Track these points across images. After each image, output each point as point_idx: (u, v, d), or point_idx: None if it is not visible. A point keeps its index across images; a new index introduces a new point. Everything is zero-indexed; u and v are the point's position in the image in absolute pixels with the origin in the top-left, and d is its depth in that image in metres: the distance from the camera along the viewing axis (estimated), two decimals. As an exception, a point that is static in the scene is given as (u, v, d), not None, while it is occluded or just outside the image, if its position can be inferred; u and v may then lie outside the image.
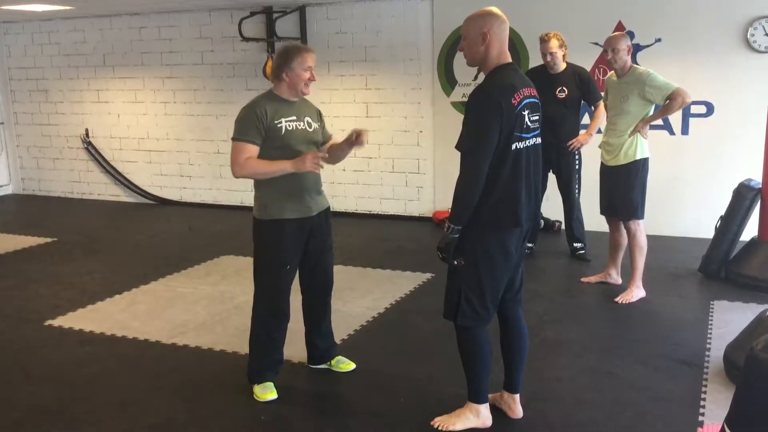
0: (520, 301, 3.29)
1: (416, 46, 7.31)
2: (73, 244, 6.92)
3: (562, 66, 5.73)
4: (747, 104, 6.19)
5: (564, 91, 5.69)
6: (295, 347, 3.97)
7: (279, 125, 3.46)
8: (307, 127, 3.55)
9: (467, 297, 3.04)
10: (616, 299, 4.88)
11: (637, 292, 4.91)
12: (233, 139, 3.48)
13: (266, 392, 3.60)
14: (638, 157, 4.76)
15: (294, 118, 3.51)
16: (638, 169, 4.78)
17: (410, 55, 7.35)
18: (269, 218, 3.49)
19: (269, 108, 3.47)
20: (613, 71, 4.93)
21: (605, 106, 5.08)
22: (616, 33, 5.01)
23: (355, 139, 3.47)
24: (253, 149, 3.42)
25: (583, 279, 5.34)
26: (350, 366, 3.89)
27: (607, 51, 4.77)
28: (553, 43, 5.62)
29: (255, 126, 3.43)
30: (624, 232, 4.98)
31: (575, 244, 6.01)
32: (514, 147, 2.92)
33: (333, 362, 3.90)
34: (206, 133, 8.44)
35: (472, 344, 3.13)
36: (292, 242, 3.52)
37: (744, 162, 6.07)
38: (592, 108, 5.87)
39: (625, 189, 4.80)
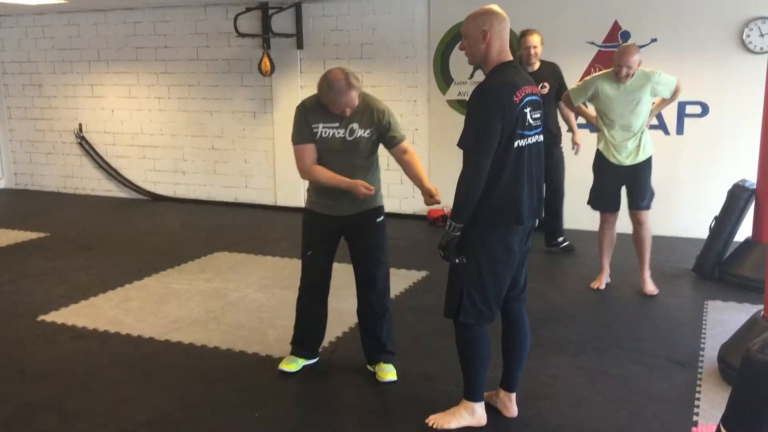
0: (524, 300, 3.29)
1: (412, 44, 7.30)
2: (65, 239, 6.89)
3: (538, 64, 5.80)
4: (742, 105, 6.21)
5: (545, 87, 5.75)
6: (286, 345, 3.96)
7: (315, 130, 3.50)
8: (347, 135, 3.48)
9: (469, 295, 3.03)
10: (653, 292, 5.02)
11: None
12: (292, 142, 3.58)
13: (286, 362, 3.83)
14: (652, 150, 4.94)
15: (336, 124, 3.48)
16: (651, 161, 4.97)
17: (406, 52, 7.34)
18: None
19: (312, 111, 3.52)
20: (597, 75, 4.93)
21: (598, 111, 4.94)
22: (628, 47, 4.72)
23: (430, 198, 3.45)
24: (311, 149, 3.52)
25: (593, 285, 5.20)
26: (387, 376, 3.69)
27: (621, 67, 4.65)
28: (536, 38, 5.68)
29: (305, 126, 3.51)
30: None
31: (559, 238, 6.15)
32: (516, 145, 2.91)
33: (376, 367, 3.77)
34: (201, 129, 8.41)
35: (472, 342, 3.13)
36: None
37: (738, 162, 6.09)
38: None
39: (647, 182, 4.96)
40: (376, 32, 7.40)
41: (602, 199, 5.08)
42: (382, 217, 3.68)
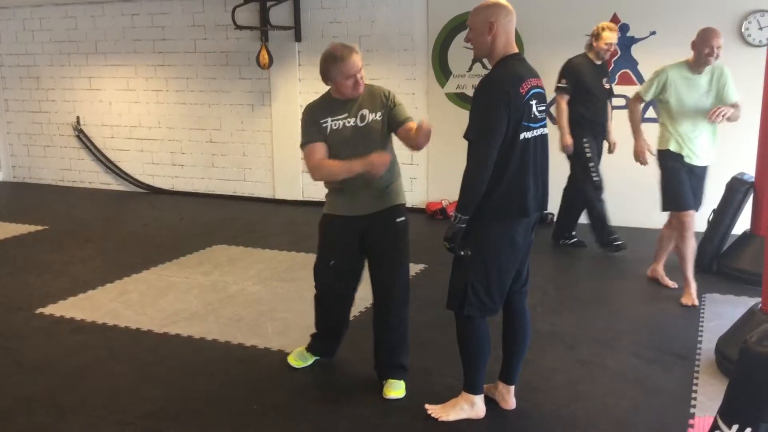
0: (526, 293, 3.29)
1: (411, 37, 7.28)
2: (64, 232, 6.88)
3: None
4: (741, 98, 6.18)
5: (608, 83, 5.78)
6: (290, 337, 3.96)
7: (324, 125, 3.38)
8: (358, 122, 3.36)
9: (474, 287, 3.03)
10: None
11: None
12: (301, 146, 3.44)
13: (294, 357, 3.82)
14: None
15: (345, 115, 3.37)
16: None
17: (405, 45, 7.32)
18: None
19: (318, 108, 3.44)
20: (666, 66, 4.67)
21: (665, 104, 4.66)
22: (712, 29, 4.57)
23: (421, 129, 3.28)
24: (320, 146, 3.36)
25: (686, 302, 4.71)
26: (391, 393, 3.46)
27: (712, 49, 4.46)
28: (617, 36, 5.65)
29: (313, 125, 3.40)
30: None
31: (573, 232, 6.10)
32: (522, 137, 2.91)
33: (385, 383, 3.52)
34: (199, 122, 8.40)
35: (473, 335, 3.13)
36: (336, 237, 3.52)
37: (737, 156, 6.08)
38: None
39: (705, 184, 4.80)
40: (374, 24, 7.38)
41: (685, 195, 4.63)
42: (403, 218, 3.46)
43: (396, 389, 3.47)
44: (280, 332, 4.27)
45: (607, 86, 5.77)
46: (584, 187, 5.74)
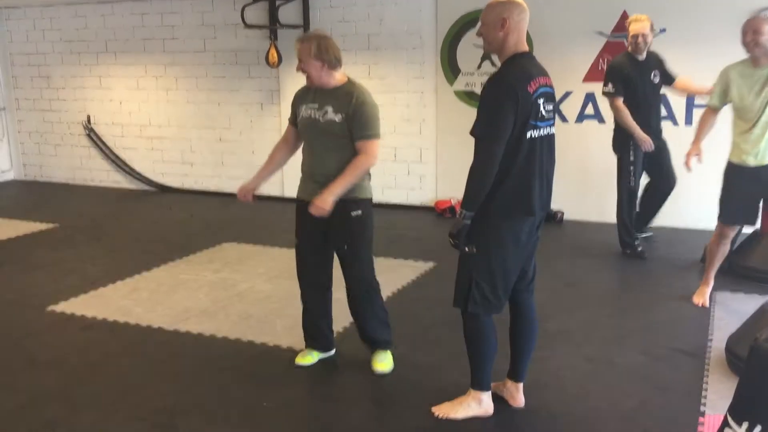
0: (532, 291, 3.30)
1: (419, 35, 7.28)
2: (74, 230, 6.93)
3: (645, 53, 5.61)
4: (753, 98, 6.15)
5: (657, 76, 5.62)
6: (299, 335, 3.98)
7: (299, 111, 3.58)
8: (320, 117, 3.46)
9: (478, 285, 3.04)
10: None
11: None
12: None
13: (301, 356, 3.85)
14: None
15: (315, 105, 3.49)
16: None
17: (413, 43, 7.32)
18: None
19: (301, 92, 3.62)
20: (727, 66, 4.49)
21: (735, 113, 4.52)
22: (748, 19, 4.41)
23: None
24: (288, 130, 3.71)
25: (697, 301, 4.69)
26: (377, 366, 3.69)
27: (745, 34, 4.28)
28: (647, 24, 5.50)
29: (292, 106, 3.66)
30: None
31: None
32: (528, 135, 2.91)
33: (372, 356, 3.75)
34: (208, 121, 8.43)
35: (479, 332, 3.14)
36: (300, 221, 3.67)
37: (747, 153, 6.05)
38: (672, 86, 5.76)
39: None
40: (383, 23, 7.38)
41: (729, 208, 4.55)
42: (359, 212, 3.48)
43: (381, 361, 3.70)
44: (289, 329, 4.28)
45: (656, 81, 5.59)
46: (620, 189, 5.64)
